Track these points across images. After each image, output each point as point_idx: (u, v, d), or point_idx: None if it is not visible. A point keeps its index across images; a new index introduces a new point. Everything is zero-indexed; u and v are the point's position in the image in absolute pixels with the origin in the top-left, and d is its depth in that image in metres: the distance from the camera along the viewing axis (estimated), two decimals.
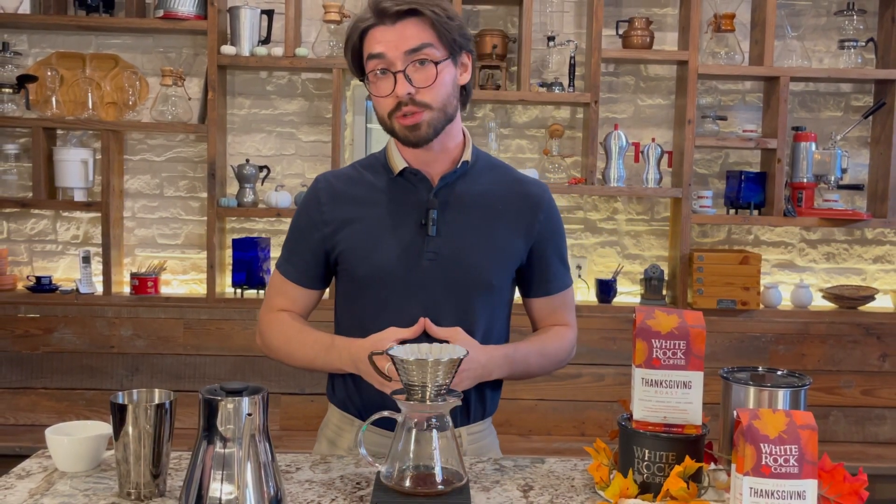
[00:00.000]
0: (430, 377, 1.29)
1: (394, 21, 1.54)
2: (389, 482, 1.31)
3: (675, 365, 1.36)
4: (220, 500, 1.23)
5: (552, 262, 1.73)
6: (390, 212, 1.64)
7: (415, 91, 1.54)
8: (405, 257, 1.61)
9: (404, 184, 1.65)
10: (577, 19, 3.62)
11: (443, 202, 1.63)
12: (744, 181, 3.48)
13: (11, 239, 3.64)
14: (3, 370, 3.39)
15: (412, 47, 1.53)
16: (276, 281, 1.74)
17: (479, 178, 1.68)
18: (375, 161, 1.72)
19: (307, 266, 1.70)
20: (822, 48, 3.63)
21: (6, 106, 3.45)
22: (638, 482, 1.35)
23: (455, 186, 1.65)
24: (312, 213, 1.68)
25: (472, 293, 1.63)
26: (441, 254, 1.61)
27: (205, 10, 3.40)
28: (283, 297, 1.73)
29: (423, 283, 1.61)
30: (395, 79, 1.54)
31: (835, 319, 3.49)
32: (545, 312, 1.77)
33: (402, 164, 1.64)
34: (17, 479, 1.43)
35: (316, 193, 1.69)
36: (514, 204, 1.68)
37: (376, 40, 1.55)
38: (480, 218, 1.65)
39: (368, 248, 1.63)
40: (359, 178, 1.69)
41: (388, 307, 1.61)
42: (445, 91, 1.58)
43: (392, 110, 1.57)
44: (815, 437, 1.19)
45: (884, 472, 3.14)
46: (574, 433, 3.42)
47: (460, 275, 1.62)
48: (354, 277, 1.65)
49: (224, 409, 1.24)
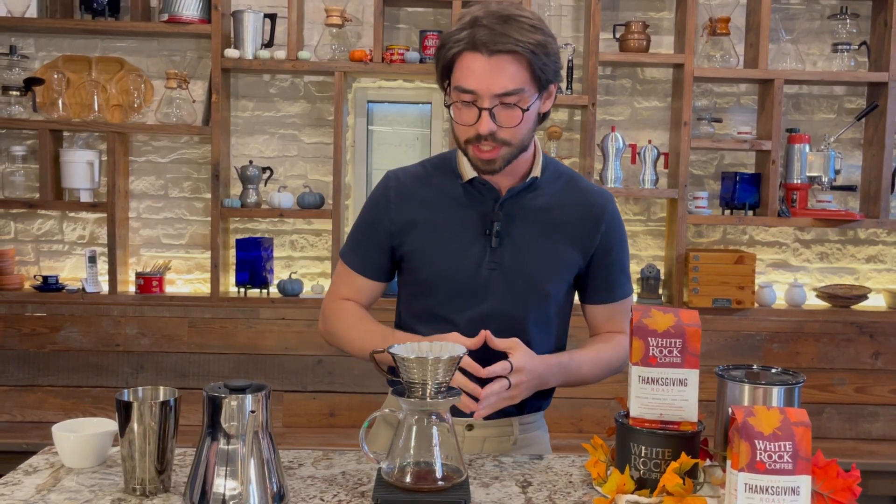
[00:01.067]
0: (430, 375, 1.29)
1: (490, 54, 1.49)
2: (390, 478, 1.31)
3: (671, 363, 1.36)
4: (224, 495, 1.23)
5: (612, 271, 1.73)
6: (456, 218, 1.65)
7: (497, 129, 1.52)
8: (467, 265, 1.63)
9: (472, 191, 1.65)
10: (575, 23, 3.62)
11: (507, 214, 1.64)
12: (739, 182, 3.48)
13: (19, 239, 3.64)
14: (11, 368, 3.39)
15: (505, 91, 1.50)
16: (341, 270, 1.75)
17: (545, 189, 1.68)
18: (445, 163, 1.71)
19: (372, 259, 1.71)
20: (816, 51, 3.63)
21: (13, 108, 3.45)
22: (635, 478, 1.35)
23: (520, 198, 1.65)
24: (381, 209, 1.69)
25: (530, 302, 1.64)
26: (502, 264, 1.63)
27: (209, 13, 3.40)
28: (348, 287, 1.74)
29: (484, 291, 1.63)
30: (479, 113, 1.51)
31: (828, 318, 3.49)
32: (602, 319, 1.78)
33: (472, 173, 1.64)
34: (24, 475, 1.43)
35: (386, 191, 1.69)
36: (576, 215, 1.68)
37: (469, 71, 1.50)
38: (542, 230, 1.65)
39: (433, 253, 1.64)
40: (428, 179, 1.69)
41: (448, 309, 1.63)
42: (527, 128, 1.56)
43: (471, 139, 1.55)
44: (809, 434, 1.19)
45: (876, 469, 3.14)
46: (572, 430, 3.42)
47: (519, 285, 1.63)
48: (417, 279, 1.67)
49: (228, 406, 1.24)
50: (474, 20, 1.51)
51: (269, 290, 3.54)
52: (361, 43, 3.58)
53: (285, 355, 3.43)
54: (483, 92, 1.50)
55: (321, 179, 3.64)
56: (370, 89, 3.63)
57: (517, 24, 1.49)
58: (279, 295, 3.51)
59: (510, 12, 1.51)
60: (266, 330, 3.44)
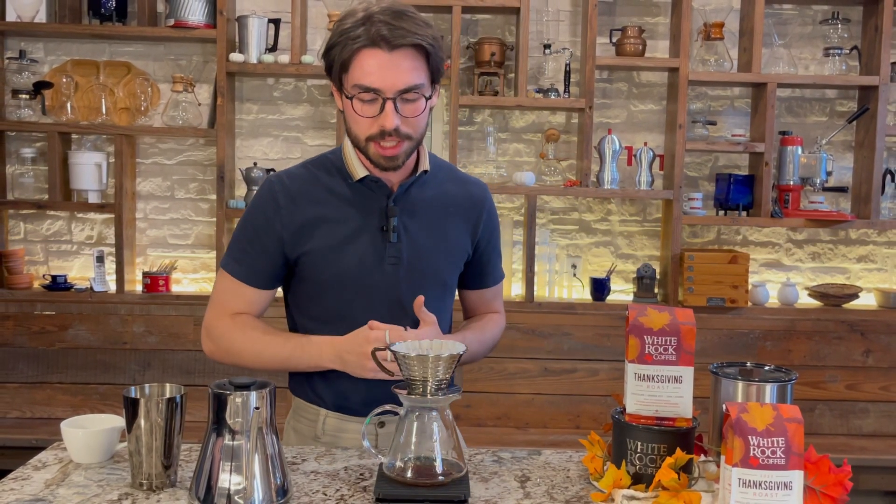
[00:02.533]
0: (431, 372, 1.29)
1: (391, 49, 1.46)
2: (392, 473, 1.31)
3: (666, 360, 1.36)
4: (229, 490, 1.23)
5: (492, 257, 1.78)
6: (352, 216, 1.61)
7: (401, 121, 1.50)
8: (369, 261, 1.60)
9: (364, 190, 1.62)
10: (572, 28, 3.62)
11: (402, 209, 1.62)
12: (732, 183, 3.48)
13: (28, 239, 3.64)
14: (21, 365, 3.39)
15: (407, 86, 1.48)
16: (226, 284, 1.64)
17: (431, 182, 1.67)
18: (328, 163, 1.65)
19: (262, 267, 1.63)
20: (808, 56, 3.63)
21: (23, 111, 3.45)
22: (631, 473, 1.35)
23: (411, 193, 1.64)
24: (269, 214, 1.60)
25: (430, 292, 1.62)
26: (402, 258, 1.62)
27: (214, 18, 3.40)
28: (238, 300, 1.64)
29: (386, 285, 1.62)
30: (382, 105, 1.49)
31: (820, 317, 3.49)
32: (480, 302, 1.82)
33: (363, 171, 1.60)
34: (33, 470, 1.43)
35: (272, 194, 1.61)
36: (462, 205, 1.70)
37: (371, 68, 1.47)
38: (434, 221, 1.66)
39: (333, 253, 1.60)
40: (314, 179, 1.63)
41: (352, 307, 1.61)
42: (425, 121, 1.56)
43: (373, 135, 1.51)
44: (801, 430, 1.19)
45: (867, 464, 3.14)
46: (569, 426, 3.42)
47: (420, 276, 1.63)
48: (318, 280, 1.62)
49: (233, 402, 1.24)
50: (368, 17, 1.47)
51: None
52: None
53: None
54: (387, 88, 1.47)
55: None
56: None
57: (411, 20, 1.49)
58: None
59: (401, 9, 1.50)
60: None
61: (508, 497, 1.35)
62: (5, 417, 3.34)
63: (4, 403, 3.37)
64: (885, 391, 3.45)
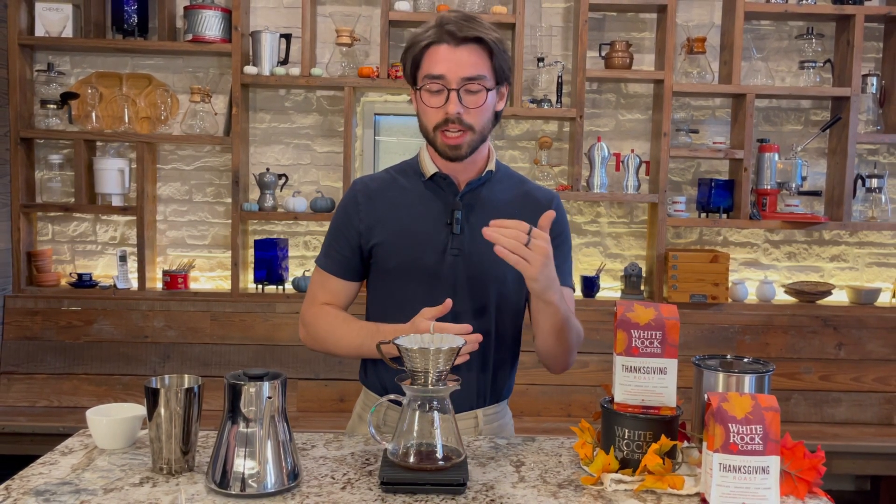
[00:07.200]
0: (432, 364, 1.29)
1: (457, 43, 1.53)
2: (395, 458, 1.31)
3: (652, 353, 1.36)
4: (244, 474, 1.23)
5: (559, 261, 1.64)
6: (420, 210, 1.64)
7: (463, 111, 1.54)
8: (432, 252, 1.61)
9: (434, 187, 1.66)
10: (564, 42, 3.61)
11: (467, 205, 1.64)
12: (714, 188, 3.48)
13: (56, 240, 3.64)
14: (49, 358, 3.39)
15: (470, 75, 1.53)
16: (317, 277, 1.72)
17: (498, 186, 1.68)
18: (408, 167, 1.71)
19: (345, 259, 1.68)
20: (784, 68, 3.63)
21: (51, 120, 3.45)
22: (619, 458, 1.35)
23: (478, 192, 1.66)
24: (350, 211, 1.67)
25: (488, 284, 1.63)
26: (463, 250, 1.62)
27: (229, 34, 3.40)
28: (325, 292, 1.70)
29: (447, 275, 1.62)
30: (447, 96, 1.53)
31: (795, 312, 3.49)
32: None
33: (434, 169, 1.64)
34: (60, 455, 1.43)
35: (354, 194, 1.68)
36: (528, 206, 1.68)
37: (438, 59, 1.54)
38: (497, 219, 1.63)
39: (399, 243, 1.63)
40: (392, 182, 1.69)
41: (415, 296, 1.60)
42: (487, 116, 1.58)
43: (439, 124, 1.56)
44: (778, 418, 1.19)
45: (840, 450, 3.14)
46: (561, 414, 3.42)
47: (478, 268, 1.62)
48: (386, 269, 1.65)
49: (247, 392, 1.24)
50: (440, 20, 1.56)
51: (285, 286, 3.54)
52: (369, 60, 3.58)
53: (300, 346, 3.43)
54: (451, 75, 1.52)
55: (332, 185, 3.64)
56: (377, 103, 3.63)
57: (478, 21, 1.56)
58: (294, 291, 3.51)
59: (473, 14, 1.58)
60: (282, 323, 3.43)
61: (505, 481, 1.35)
62: (34, 406, 3.34)
63: (34, 393, 3.37)
64: (856, 381, 3.44)
